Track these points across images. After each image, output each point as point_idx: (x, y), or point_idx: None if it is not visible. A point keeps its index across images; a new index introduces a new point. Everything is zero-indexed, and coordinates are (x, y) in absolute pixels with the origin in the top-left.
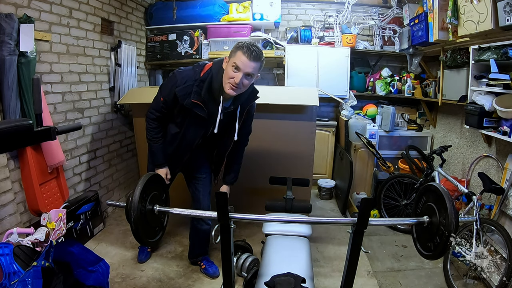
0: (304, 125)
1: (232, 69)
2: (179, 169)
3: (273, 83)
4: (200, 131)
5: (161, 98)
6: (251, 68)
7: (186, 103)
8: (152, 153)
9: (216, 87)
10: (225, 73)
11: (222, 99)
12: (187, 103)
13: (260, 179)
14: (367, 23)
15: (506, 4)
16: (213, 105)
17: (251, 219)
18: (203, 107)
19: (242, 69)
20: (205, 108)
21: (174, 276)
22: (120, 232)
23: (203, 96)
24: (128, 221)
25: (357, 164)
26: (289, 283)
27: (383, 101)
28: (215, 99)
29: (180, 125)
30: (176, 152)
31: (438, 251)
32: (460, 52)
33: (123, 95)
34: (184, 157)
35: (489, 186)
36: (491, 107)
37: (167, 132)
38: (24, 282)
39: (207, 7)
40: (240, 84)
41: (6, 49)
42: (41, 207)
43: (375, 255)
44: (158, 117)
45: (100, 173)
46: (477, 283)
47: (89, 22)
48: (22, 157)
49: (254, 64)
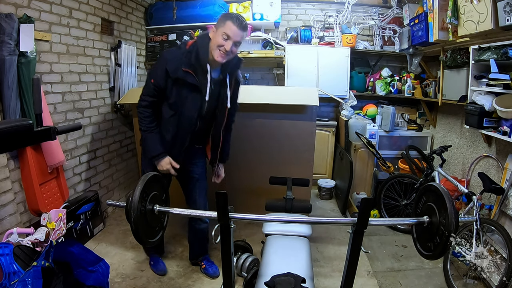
0: (304, 125)
1: (222, 38)
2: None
3: (273, 83)
4: (195, 106)
5: (151, 80)
6: (240, 36)
7: (179, 74)
8: (148, 145)
9: (203, 56)
10: (213, 42)
11: (209, 68)
12: (179, 74)
13: (260, 179)
14: (367, 23)
15: (506, 4)
16: (202, 74)
17: (251, 219)
18: (194, 76)
19: (232, 38)
20: (196, 77)
21: (174, 276)
22: (120, 232)
23: (194, 63)
24: (128, 221)
25: (357, 164)
26: (289, 283)
27: (383, 101)
28: (203, 67)
29: (174, 106)
30: (175, 137)
31: (438, 251)
32: (460, 52)
33: (123, 95)
34: (185, 143)
35: (489, 186)
36: (491, 107)
37: (162, 118)
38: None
39: (207, 7)
40: (229, 52)
41: (6, 49)
42: (41, 207)
43: (375, 255)
44: (151, 103)
45: (100, 173)
46: (477, 283)
47: (89, 22)
48: (22, 157)
49: (242, 33)
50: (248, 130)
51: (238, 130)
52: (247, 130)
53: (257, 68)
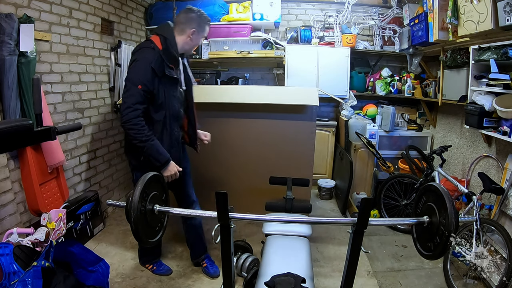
0: (304, 125)
1: (201, 39)
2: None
3: (273, 83)
4: (179, 99)
5: (138, 86)
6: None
7: (166, 71)
8: (154, 154)
9: (176, 49)
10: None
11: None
12: (167, 71)
13: (260, 179)
14: (367, 23)
15: (506, 4)
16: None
17: (251, 219)
18: (174, 69)
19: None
20: (175, 71)
21: (174, 276)
22: (120, 232)
23: (174, 58)
24: (128, 221)
25: (357, 164)
26: (289, 283)
27: (383, 101)
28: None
29: (163, 105)
30: (171, 136)
31: (438, 251)
32: (460, 52)
33: None
34: (178, 138)
35: (489, 186)
36: (491, 107)
37: (153, 122)
38: (24, 282)
39: (207, 7)
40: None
41: (6, 49)
42: (41, 207)
43: (375, 255)
44: (143, 110)
45: (100, 173)
46: (477, 283)
47: (89, 22)
48: (22, 157)
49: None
50: (248, 130)
51: (238, 130)
52: (247, 130)
53: (257, 68)
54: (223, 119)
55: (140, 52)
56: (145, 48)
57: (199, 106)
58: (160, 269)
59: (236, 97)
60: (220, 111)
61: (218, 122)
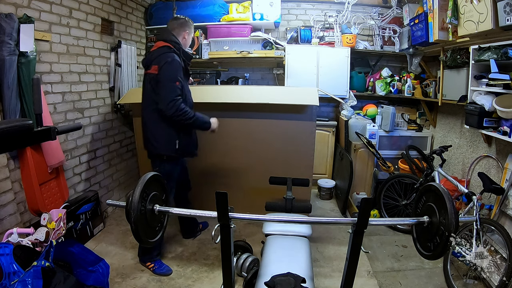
0: (304, 125)
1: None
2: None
3: (273, 83)
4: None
5: (176, 83)
6: None
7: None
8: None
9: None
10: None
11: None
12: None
13: (260, 179)
14: (367, 23)
15: (506, 4)
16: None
17: (251, 219)
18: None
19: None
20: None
21: (174, 276)
22: (120, 232)
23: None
24: (128, 221)
25: (357, 164)
26: (289, 283)
27: (383, 101)
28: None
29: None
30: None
31: (438, 251)
32: (460, 52)
33: (123, 95)
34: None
35: (489, 186)
36: (491, 107)
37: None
38: (24, 282)
39: (207, 7)
40: None
41: (6, 49)
42: (41, 207)
43: (375, 255)
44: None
45: (100, 173)
46: (477, 283)
47: (89, 22)
48: (22, 157)
49: None
50: (248, 130)
51: (238, 130)
52: (247, 130)
53: (257, 68)
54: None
55: (166, 56)
56: (168, 53)
57: (199, 106)
58: (160, 269)
59: (236, 97)
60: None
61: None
